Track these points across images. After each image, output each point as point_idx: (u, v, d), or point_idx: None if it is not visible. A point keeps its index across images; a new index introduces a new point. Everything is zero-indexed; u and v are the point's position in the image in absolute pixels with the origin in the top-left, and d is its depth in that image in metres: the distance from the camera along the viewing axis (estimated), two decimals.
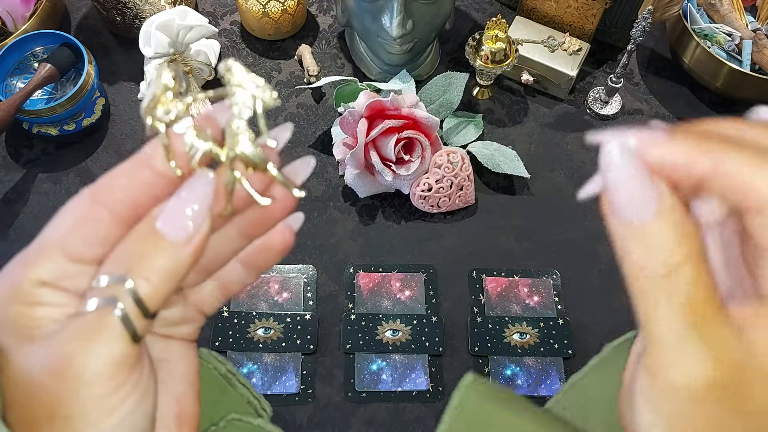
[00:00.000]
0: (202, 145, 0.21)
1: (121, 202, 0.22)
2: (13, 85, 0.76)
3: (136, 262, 0.21)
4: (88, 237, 0.22)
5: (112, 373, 0.21)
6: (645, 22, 0.69)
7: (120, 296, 0.21)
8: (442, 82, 0.78)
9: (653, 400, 0.19)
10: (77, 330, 0.21)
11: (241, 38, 0.87)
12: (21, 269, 0.22)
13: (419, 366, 0.66)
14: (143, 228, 0.22)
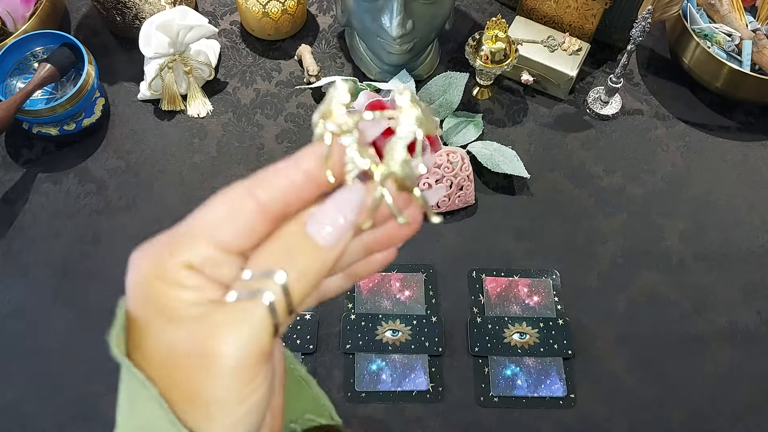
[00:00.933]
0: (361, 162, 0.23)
1: (275, 199, 0.23)
2: (13, 85, 0.76)
3: (286, 260, 0.22)
4: (238, 228, 0.22)
5: (253, 363, 0.21)
6: (645, 22, 0.69)
7: (271, 289, 0.22)
8: (442, 82, 0.78)
9: None
10: (226, 316, 0.21)
11: (241, 38, 0.87)
12: (169, 250, 0.22)
13: (419, 366, 0.66)
14: (294, 229, 0.23)
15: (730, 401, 0.66)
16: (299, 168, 0.23)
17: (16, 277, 0.70)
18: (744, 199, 0.77)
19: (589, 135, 0.81)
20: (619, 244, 0.74)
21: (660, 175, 0.79)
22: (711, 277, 0.72)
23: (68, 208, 0.74)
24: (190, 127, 0.79)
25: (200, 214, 0.23)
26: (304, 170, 0.23)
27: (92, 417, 0.63)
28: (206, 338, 0.21)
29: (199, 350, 0.21)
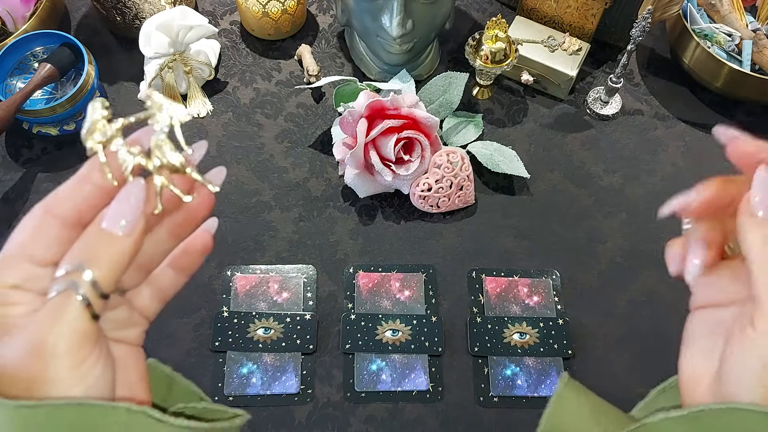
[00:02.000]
0: (132, 159, 0.27)
1: (69, 210, 0.27)
2: (13, 85, 0.77)
3: (89, 254, 0.27)
4: (45, 243, 0.27)
5: (79, 347, 0.26)
6: (645, 22, 0.69)
7: (78, 281, 0.26)
8: (442, 81, 0.78)
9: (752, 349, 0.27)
10: (46, 315, 0.26)
11: (241, 38, 0.87)
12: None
13: (419, 366, 0.66)
14: (92, 229, 0.27)
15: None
16: (85, 180, 0.28)
17: None
18: None
19: (589, 135, 0.81)
20: (618, 244, 0.74)
21: (660, 175, 0.79)
22: None
23: None
24: (190, 127, 0.79)
25: (11, 239, 0.27)
26: (90, 181, 0.27)
27: None
28: (35, 335, 0.25)
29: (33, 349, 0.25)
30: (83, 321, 0.26)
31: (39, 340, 0.25)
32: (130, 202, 0.27)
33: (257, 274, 0.70)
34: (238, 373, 0.65)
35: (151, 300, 0.32)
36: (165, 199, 0.28)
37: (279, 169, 0.77)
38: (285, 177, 0.77)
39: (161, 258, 0.32)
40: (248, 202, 0.75)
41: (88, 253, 0.27)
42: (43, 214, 0.27)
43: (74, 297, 0.26)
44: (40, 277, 0.27)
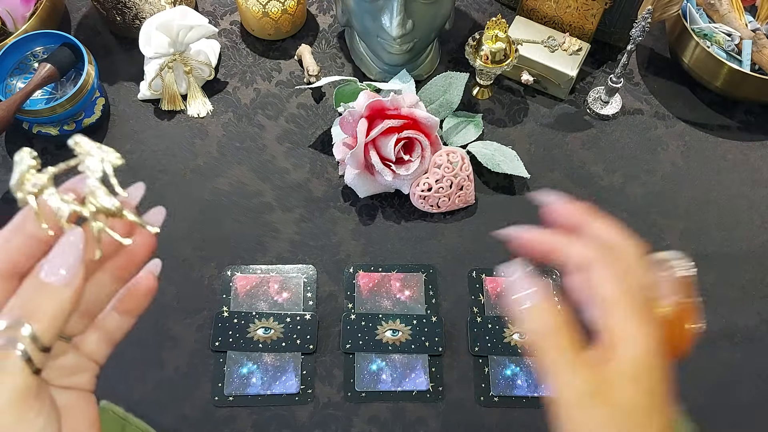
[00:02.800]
0: (66, 207, 0.27)
1: (2, 262, 0.27)
2: (13, 85, 0.76)
3: (28, 308, 0.26)
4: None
5: (20, 402, 0.25)
6: (644, 22, 0.69)
7: (18, 337, 0.25)
8: (442, 82, 0.78)
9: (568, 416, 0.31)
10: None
11: (241, 38, 0.87)
12: None
13: (419, 366, 0.66)
14: (29, 281, 0.27)
15: (730, 401, 0.66)
16: (18, 230, 0.27)
17: None
18: (744, 199, 0.78)
19: (589, 135, 0.81)
20: None
21: (660, 174, 0.79)
22: (711, 276, 0.72)
23: None
24: (191, 127, 0.79)
25: None
26: (23, 231, 0.27)
27: None
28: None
29: None
30: (24, 377, 0.25)
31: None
32: (68, 251, 0.27)
33: (257, 274, 0.70)
34: (238, 373, 0.65)
35: (98, 344, 0.32)
36: (104, 244, 0.28)
37: (280, 170, 0.77)
38: (286, 178, 0.77)
39: (106, 302, 0.31)
40: (250, 203, 0.75)
41: (26, 306, 0.26)
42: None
43: (14, 353, 0.25)
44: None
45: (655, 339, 0.31)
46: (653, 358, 0.31)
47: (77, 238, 0.27)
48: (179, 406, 0.63)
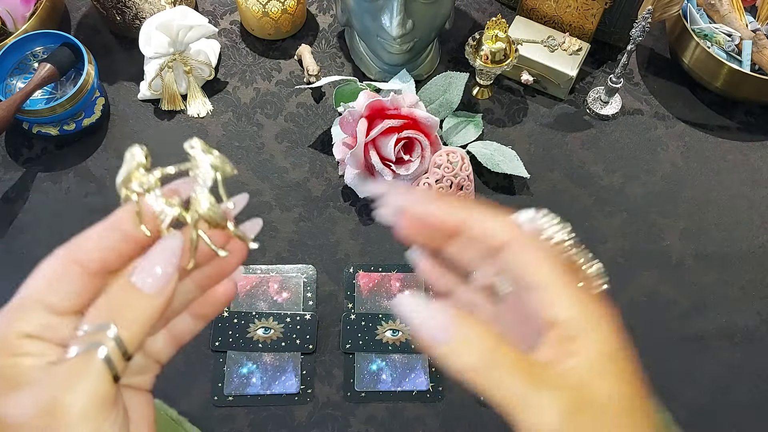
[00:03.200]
0: (170, 211, 0.26)
1: (94, 260, 0.25)
2: (13, 85, 0.76)
3: (116, 312, 0.25)
4: (65, 292, 0.25)
5: (98, 411, 0.24)
6: (645, 22, 0.69)
7: (104, 341, 0.24)
8: (442, 81, 0.78)
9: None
10: (65, 373, 0.24)
11: (241, 38, 0.87)
12: (5, 324, 0.25)
13: (419, 366, 0.66)
14: (120, 283, 0.25)
15: (729, 400, 0.66)
16: (114, 228, 0.26)
17: (16, 277, 0.70)
18: (744, 199, 0.77)
19: (589, 135, 0.81)
20: (618, 244, 0.74)
21: (660, 174, 0.79)
22: (711, 276, 0.72)
23: (68, 207, 0.74)
24: (190, 127, 0.79)
25: (28, 283, 0.26)
26: (120, 229, 0.26)
27: None
28: (51, 396, 0.23)
29: (46, 408, 0.23)
30: (104, 383, 0.24)
31: (54, 400, 0.23)
32: (165, 257, 0.25)
33: (257, 274, 0.70)
34: (238, 373, 0.65)
35: (164, 345, 0.31)
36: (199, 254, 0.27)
37: (279, 169, 0.77)
38: (285, 177, 0.77)
39: (184, 307, 0.30)
40: (248, 202, 0.75)
41: (115, 310, 0.25)
42: (65, 261, 0.26)
43: (97, 357, 0.24)
44: (57, 328, 0.25)
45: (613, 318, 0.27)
46: (619, 342, 0.26)
47: (176, 245, 0.26)
48: (176, 405, 0.63)
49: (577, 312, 0.26)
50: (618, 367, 0.26)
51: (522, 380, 0.25)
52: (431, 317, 0.25)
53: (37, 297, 0.25)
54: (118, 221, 0.26)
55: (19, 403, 0.24)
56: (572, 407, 0.24)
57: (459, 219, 0.27)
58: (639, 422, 0.25)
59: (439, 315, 0.25)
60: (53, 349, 0.25)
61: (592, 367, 0.25)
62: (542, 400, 0.24)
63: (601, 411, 0.25)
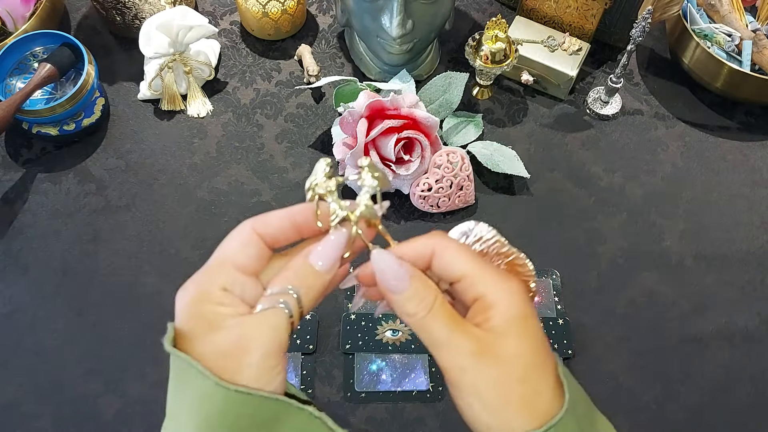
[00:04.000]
0: (342, 213, 0.33)
1: (269, 236, 0.33)
2: (13, 85, 0.76)
3: (298, 280, 0.32)
4: (250, 255, 0.32)
5: (276, 353, 0.30)
6: (645, 22, 0.69)
7: (288, 299, 0.31)
8: (442, 82, 0.77)
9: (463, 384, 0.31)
10: (257, 321, 0.30)
11: (241, 38, 0.87)
12: (209, 278, 0.31)
13: (419, 366, 0.66)
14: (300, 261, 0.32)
15: (729, 401, 0.66)
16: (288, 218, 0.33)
17: (16, 277, 0.70)
18: (744, 200, 0.77)
19: (589, 135, 0.81)
20: (618, 244, 0.74)
21: (660, 175, 0.79)
22: (710, 277, 0.72)
23: (68, 207, 0.74)
24: (190, 127, 0.79)
25: (222, 247, 0.32)
26: (291, 221, 0.33)
27: (91, 416, 0.63)
28: (242, 337, 0.29)
29: (238, 345, 0.29)
30: (285, 332, 0.30)
31: (246, 340, 0.29)
32: (335, 246, 0.32)
33: None
34: None
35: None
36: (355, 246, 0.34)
37: (279, 170, 0.77)
38: (285, 177, 0.77)
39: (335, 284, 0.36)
40: (248, 203, 0.75)
41: (299, 279, 0.31)
42: (250, 231, 0.32)
43: (282, 312, 0.30)
44: (242, 284, 0.31)
45: (523, 290, 0.32)
46: (527, 307, 0.32)
47: (343, 238, 0.33)
48: None
49: (493, 287, 0.32)
50: (524, 326, 0.31)
51: (447, 328, 0.31)
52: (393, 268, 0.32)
53: (231, 257, 0.31)
54: (293, 213, 0.33)
55: (218, 341, 0.29)
56: (480, 351, 0.30)
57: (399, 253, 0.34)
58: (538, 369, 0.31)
59: (399, 268, 0.32)
60: (241, 304, 0.31)
61: (503, 326, 0.31)
62: (458, 342, 0.31)
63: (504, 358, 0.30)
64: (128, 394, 0.64)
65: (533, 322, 0.32)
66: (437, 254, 0.34)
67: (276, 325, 0.30)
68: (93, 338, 0.67)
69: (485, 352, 0.30)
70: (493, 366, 0.30)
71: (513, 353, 0.30)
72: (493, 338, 0.31)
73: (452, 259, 0.33)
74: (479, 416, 0.32)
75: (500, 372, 0.30)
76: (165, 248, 0.72)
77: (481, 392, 0.31)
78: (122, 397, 0.64)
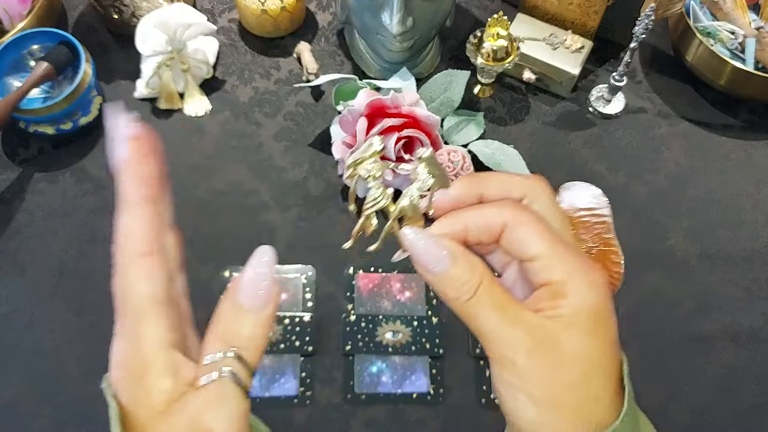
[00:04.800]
0: (384, 202, 0.30)
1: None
2: (10, 83, 0.76)
3: (232, 336, 0.28)
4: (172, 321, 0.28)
5: (239, 425, 0.27)
6: (648, 19, 0.69)
7: (229, 365, 0.27)
8: (443, 80, 0.77)
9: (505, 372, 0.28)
10: (206, 399, 0.27)
11: (240, 36, 0.86)
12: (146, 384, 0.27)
13: (420, 368, 0.66)
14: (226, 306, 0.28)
15: (733, 402, 0.65)
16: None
17: (13, 277, 0.69)
18: (748, 198, 0.77)
19: (591, 133, 0.80)
20: (622, 244, 0.73)
21: (663, 173, 0.78)
22: (715, 276, 0.72)
23: (65, 207, 0.73)
24: (188, 126, 0.79)
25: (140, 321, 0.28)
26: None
27: (90, 417, 0.63)
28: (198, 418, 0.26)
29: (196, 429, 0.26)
30: (240, 401, 0.27)
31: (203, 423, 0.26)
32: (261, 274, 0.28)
33: None
34: None
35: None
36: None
37: (278, 169, 0.76)
38: (284, 176, 0.76)
39: None
40: (246, 202, 0.74)
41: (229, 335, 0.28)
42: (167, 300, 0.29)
43: (228, 381, 0.27)
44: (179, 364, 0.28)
45: (606, 285, 0.28)
46: (606, 305, 0.28)
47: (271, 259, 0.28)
48: None
49: (572, 274, 0.28)
50: (597, 322, 0.27)
51: (498, 316, 0.27)
52: (430, 247, 0.29)
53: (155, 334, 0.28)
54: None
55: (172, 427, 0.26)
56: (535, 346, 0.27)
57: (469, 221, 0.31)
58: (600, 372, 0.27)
59: (436, 247, 0.29)
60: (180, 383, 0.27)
61: (571, 318, 0.27)
62: (509, 334, 0.27)
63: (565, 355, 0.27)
64: None
65: (609, 321, 0.28)
66: (509, 227, 0.29)
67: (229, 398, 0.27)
68: (91, 339, 0.66)
69: (542, 347, 0.27)
70: (549, 363, 0.27)
71: (576, 351, 0.27)
72: (556, 330, 0.27)
73: (527, 236, 0.29)
74: (524, 412, 0.28)
75: (557, 371, 0.27)
76: None
77: (531, 390, 0.27)
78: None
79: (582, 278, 0.28)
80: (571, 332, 0.27)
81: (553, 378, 0.27)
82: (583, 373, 0.27)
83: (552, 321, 0.27)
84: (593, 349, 0.27)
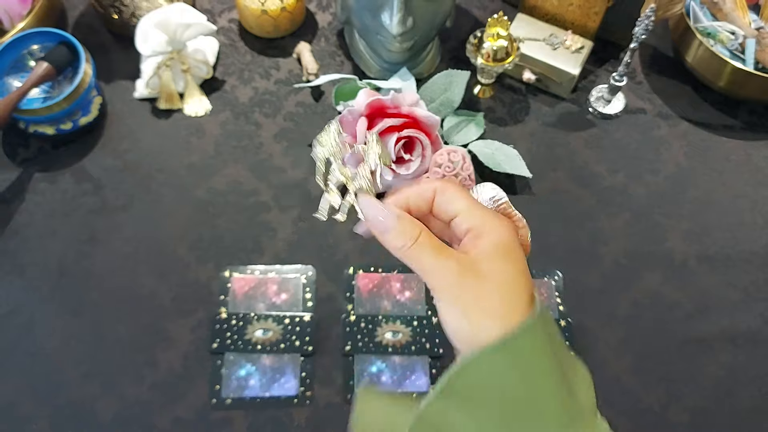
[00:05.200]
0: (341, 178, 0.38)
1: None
2: (10, 83, 0.76)
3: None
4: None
5: None
6: (648, 20, 0.69)
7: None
8: (443, 80, 0.77)
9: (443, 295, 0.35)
10: None
11: (240, 36, 0.86)
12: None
13: (419, 368, 0.66)
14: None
15: (732, 403, 0.65)
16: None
17: (13, 277, 0.69)
18: (747, 199, 0.77)
19: (591, 134, 0.80)
20: (621, 245, 0.73)
21: (663, 174, 0.78)
22: (714, 278, 0.72)
23: (65, 207, 0.73)
24: (188, 126, 0.79)
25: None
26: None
27: (88, 418, 0.62)
28: None
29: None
30: None
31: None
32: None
33: (255, 275, 0.69)
34: (236, 375, 0.64)
35: None
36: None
37: (278, 169, 0.76)
38: (284, 176, 0.76)
39: None
40: (246, 202, 0.74)
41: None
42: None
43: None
44: None
45: (513, 229, 0.37)
46: (514, 241, 0.36)
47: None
48: (173, 408, 0.62)
49: (483, 221, 0.36)
50: (508, 253, 0.35)
51: (435, 254, 0.35)
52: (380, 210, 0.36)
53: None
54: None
55: None
56: (464, 270, 0.34)
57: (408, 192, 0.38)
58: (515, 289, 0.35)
59: (385, 210, 0.36)
60: None
61: (489, 251, 0.35)
62: (444, 264, 0.35)
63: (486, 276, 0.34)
64: (126, 396, 0.63)
65: (518, 254, 0.36)
66: (439, 192, 0.37)
67: None
68: (90, 339, 0.66)
69: (468, 269, 0.34)
70: (475, 279, 0.34)
71: (495, 271, 0.34)
72: (479, 258, 0.35)
73: (452, 197, 0.37)
74: (459, 323, 0.34)
75: (482, 285, 0.34)
76: (162, 249, 0.71)
77: (464, 304, 0.34)
78: (120, 400, 0.63)
79: (493, 222, 0.36)
80: (490, 259, 0.35)
81: (479, 291, 0.34)
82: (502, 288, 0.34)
83: (474, 254, 0.35)
84: (507, 272, 0.35)
